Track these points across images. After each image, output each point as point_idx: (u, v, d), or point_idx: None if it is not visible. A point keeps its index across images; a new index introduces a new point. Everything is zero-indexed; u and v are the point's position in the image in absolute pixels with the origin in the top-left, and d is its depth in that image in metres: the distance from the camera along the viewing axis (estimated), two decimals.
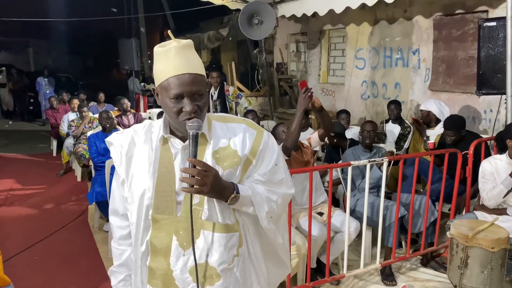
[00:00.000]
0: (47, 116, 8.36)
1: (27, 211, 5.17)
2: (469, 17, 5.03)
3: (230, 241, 1.50)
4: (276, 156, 1.56)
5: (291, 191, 1.61)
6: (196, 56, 1.49)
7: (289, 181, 1.61)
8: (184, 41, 1.48)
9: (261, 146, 1.53)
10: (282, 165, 1.59)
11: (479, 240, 2.65)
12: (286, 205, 1.67)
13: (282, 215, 1.65)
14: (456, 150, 3.55)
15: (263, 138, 1.55)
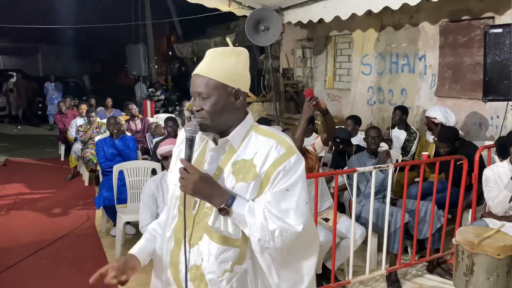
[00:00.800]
0: (56, 121, 8.45)
1: (36, 215, 5.22)
2: (475, 23, 5.03)
3: (223, 254, 1.50)
4: (291, 182, 1.45)
5: (296, 229, 1.42)
6: (227, 63, 1.51)
7: (300, 216, 1.44)
8: (228, 48, 1.57)
9: (280, 167, 1.45)
10: (296, 195, 1.45)
11: (485, 247, 2.65)
12: (289, 241, 1.44)
13: (289, 251, 1.47)
14: (462, 156, 3.55)
15: (289, 160, 1.46)
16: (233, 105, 1.52)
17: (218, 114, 1.50)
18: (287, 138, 1.53)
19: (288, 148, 1.48)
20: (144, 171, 4.38)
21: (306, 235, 1.47)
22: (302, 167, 1.48)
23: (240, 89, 1.52)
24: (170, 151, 3.11)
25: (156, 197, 3.17)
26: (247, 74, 1.57)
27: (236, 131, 1.52)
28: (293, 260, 1.52)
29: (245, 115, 1.57)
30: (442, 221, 3.54)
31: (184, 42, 13.49)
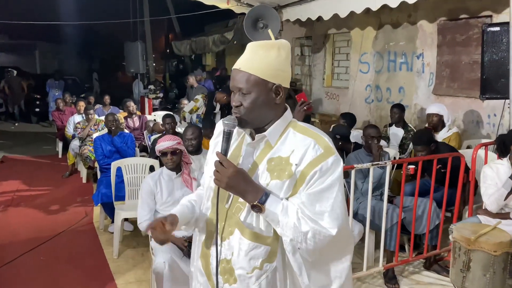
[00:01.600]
0: (53, 118, 8.43)
1: (33, 212, 5.22)
2: (473, 22, 5.05)
3: (253, 250, 1.49)
4: (327, 184, 1.41)
5: (330, 232, 1.39)
6: (268, 57, 1.46)
7: (335, 219, 1.40)
8: (270, 41, 1.50)
9: (317, 168, 1.41)
10: (332, 198, 1.41)
11: (482, 243, 2.67)
12: (321, 244, 1.41)
13: (321, 254, 1.44)
14: (459, 154, 3.57)
15: (326, 160, 1.42)
16: (273, 101, 1.48)
17: (257, 110, 1.48)
18: (326, 137, 1.48)
19: (326, 148, 1.44)
20: (142, 168, 4.38)
21: (340, 239, 1.43)
22: (340, 169, 1.43)
23: (281, 84, 1.48)
24: (168, 147, 3.12)
25: (155, 193, 3.17)
26: (288, 68, 1.52)
27: (274, 127, 1.50)
28: (325, 263, 1.48)
29: (284, 111, 1.54)
30: (440, 218, 3.56)
31: (182, 39, 13.46)
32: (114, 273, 3.70)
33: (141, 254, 4.06)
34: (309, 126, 1.54)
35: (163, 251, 2.89)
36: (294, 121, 1.55)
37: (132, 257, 4.02)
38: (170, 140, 3.15)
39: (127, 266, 3.84)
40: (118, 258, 3.99)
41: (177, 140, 3.19)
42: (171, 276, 2.79)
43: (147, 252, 4.00)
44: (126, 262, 3.91)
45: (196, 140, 3.87)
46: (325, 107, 7.95)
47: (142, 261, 3.92)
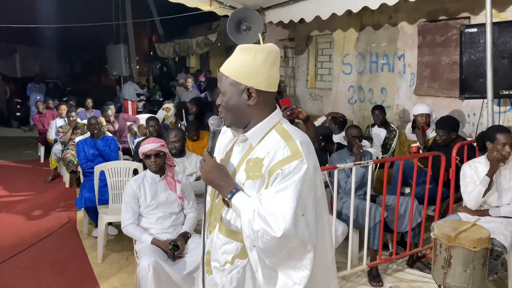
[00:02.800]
0: (34, 122, 8.30)
1: (15, 218, 5.14)
2: (452, 23, 5.14)
3: (226, 245, 1.58)
4: (284, 186, 1.42)
5: (275, 234, 1.39)
6: (243, 60, 1.52)
7: (283, 222, 1.38)
8: (253, 45, 1.54)
9: (280, 170, 1.43)
10: (285, 200, 1.41)
11: (461, 240, 2.72)
12: (269, 245, 1.41)
13: (274, 256, 1.45)
14: (440, 153, 3.63)
15: (289, 164, 1.43)
16: (246, 103, 1.52)
17: (232, 111, 1.55)
18: (299, 140, 1.49)
19: (294, 152, 1.45)
20: (125, 171, 4.35)
21: (289, 243, 1.42)
22: (302, 174, 1.42)
23: (253, 87, 1.50)
24: (152, 149, 3.11)
25: (138, 196, 3.16)
26: (266, 71, 1.52)
27: (255, 128, 1.54)
28: (281, 266, 1.47)
29: (268, 113, 1.56)
30: (422, 216, 3.62)
31: (165, 42, 13.38)
32: (98, 277, 3.67)
33: (125, 258, 4.03)
34: (292, 128, 1.57)
35: (147, 254, 2.88)
36: (281, 124, 1.57)
37: (116, 261, 3.99)
38: (153, 143, 3.14)
39: (111, 270, 3.81)
40: (103, 263, 3.95)
41: (160, 142, 3.19)
42: (155, 279, 2.78)
43: (131, 256, 3.98)
44: (110, 267, 3.88)
45: (179, 142, 3.87)
46: (309, 108, 7.99)
47: (127, 265, 3.89)
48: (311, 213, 1.45)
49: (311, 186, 1.46)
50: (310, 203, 1.45)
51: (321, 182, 1.55)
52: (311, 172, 1.45)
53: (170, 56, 13.26)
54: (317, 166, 1.52)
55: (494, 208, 3.25)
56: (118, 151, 5.29)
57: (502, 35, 3.81)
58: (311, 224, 1.44)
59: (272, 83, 1.56)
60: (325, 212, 1.57)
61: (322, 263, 1.53)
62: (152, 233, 3.12)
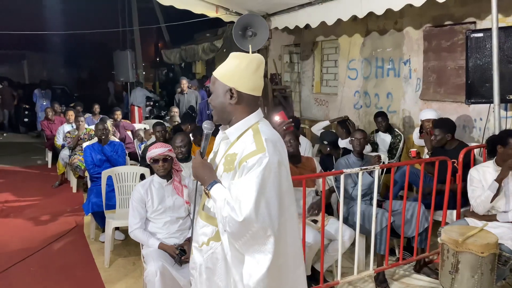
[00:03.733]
0: (43, 128, 8.37)
1: (23, 223, 5.18)
2: (457, 28, 5.14)
3: (204, 228, 1.85)
4: (248, 176, 1.61)
5: (237, 218, 1.59)
6: (229, 64, 1.76)
7: (245, 208, 1.58)
8: (241, 53, 1.77)
9: (245, 162, 1.64)
10: (247, 188, 1.60)
11: (469, 245, 2.71)
12: (235, 230, 1.62)
13: (241, 241, 1.63)
14: (446, 158, 3.62)
15: (253, 157, 1.63)
16: (228, 102, 1.74)
17: (216, 109, 1.79)
18: (265, 137, 1.67)
19: (258, 146, 1.65)
20: (132, 176, 4.38)
21: (250, 228, 1.59)
22: (263, 166, 1.61)
23: (235, 88, 1.72)
24: (160, 154, 3.13)
25: (145, 201, 3.17)
26: (247, 76, 1.73)
27: (234, 126, 1.76)
28: (246, 251, 1.65)
29: (248, 114, 1.76)
30: (429, 221, 3.60)
31: (171, 48, 13.47)
32: (105, 282, 3.68)
33: (132, 263, 4.05)
34: (265, 128, 1.75)
35: (154, 259, 2.89)
36: (260, 124, 1.76)
37: (123, 266, 4.01)
38: (161, 147, 3.17)
39: (118, 275, 3.82)
40: (110, 267, 3.97)
41: (168, 147, 3.21)
42: (162, 284, 2.78)
43: (138, 261, 3.99)
44: (117, 271, 3.89)
45: (185, 147, 3.89)
46: (314, 113, 8.01)
47: (134, 270, 3.90)
48: (273, 202, 1.62)
49: (274, 178, 1.63)
50: (273, 193, 1.62)
51: (287, 177, 1.72)
52: (275, 166, 1.63)
53: (176, 62, 13.34)
54: (283, 162, 1.70)
55: (502, 213, 3.23)
56: (125, 156, 5.32)
57: (508, 40, 3.82)
58: (272, 212, 1.61)
59: (254, 87, 1.76)
60: (291, 204, 1.75)
61: (287, 250, 1.69)
62: (159, 237, 3.13)
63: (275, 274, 1.64)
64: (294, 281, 1.75)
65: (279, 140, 1.76)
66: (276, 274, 1.65)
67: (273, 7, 6.21)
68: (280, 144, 1.76)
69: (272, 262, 1.61)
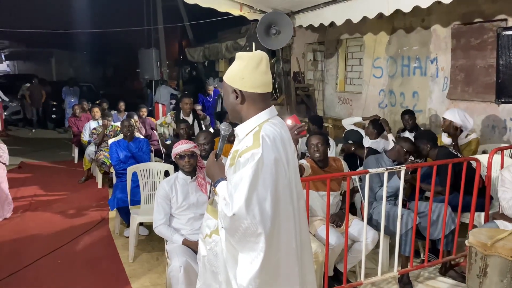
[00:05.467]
0: (70, 124, 8.57)
1: (50, 217, 5.31)
2: (487, 25, 5.01)
3: (207, 221, 1.92)
4: (241, 172, 1.63)
5: (228, 213, 1.61)
6: (233, 66, 1.80)
7: (236, 204, 1.59)
8: (242, 53, 1.80)
9: (241, 157, 1.66)
10: (239, 184, 1.61)
11: (498, 248, 2.64)
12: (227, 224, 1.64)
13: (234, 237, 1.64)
14: (475, 158, 3.54)
15: (248, 152, 1.65)
16: (235, 102, 1.78)
17: (228, 109, 1.85)
18: (262, 134, 1.67)
19: (254, 142, 1.66)
20: (157, 172, 4.43)
21: (240, 224, 1.60)
22: (255, 162, 1.61)
23: (238, 88, 1.75)
24: (186, 150, 3.17)
25: (170, 197, 3.21)
26: (248, 75, 1.74)
27: (243, 124, 1.79)
28: (242, 249, 1.67)
29: (257, 112, 1.77)
30: (455, 223, 3.52)
31: (195, 46, 13.58)
32: (129, 277, 3.75)
33: (156, 258, 4.10)
34: (271, 126, 1.73)
35: (178, 255, 2.92)
36: (269, 121, 1.76)
37: (147, 261, 4.06)
38: (187, 144, 3.20)
39: (142, 270, 3.88)
40: (134, 262, 4.03)
41: (193, 144, 3.25)
42: (186, 279, 2.81)
43: (162, 256, 4.04)
44: (141, 266, 3.95)
45: (208, 145, 3.92)
46: (338, 112, 7.94)
47: (157, 265, 3.96)
48: (266, 199, 1.61)
49: (268, 174, 1.62)
50: (266, 189, 1.61)
51: (285, 175, 1.70)
52: (269, 162, 1.62)
53: (199, 60, 13.43)
54: (281, 160, 1.68)
55: None
56: (150, 153, 5.39)
57: None
58: (265, 209, 1.60)
59: (257, 85, 1.76)
60: (289, 204, 1.72)
61: (281, 250, 1.68)
62: (183, 233, 3.16)
63: (267, 273, 1.64)
64: (287, 281, 1.73)
65: (281, 137, 1.74)
66: (268, 274, 1.65)
67: (297, 4, 6.17)
68: (282, 141, 1.73)
69: (264, 261, 1.61)
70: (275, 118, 1.81)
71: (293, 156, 1.82)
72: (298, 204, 1.81)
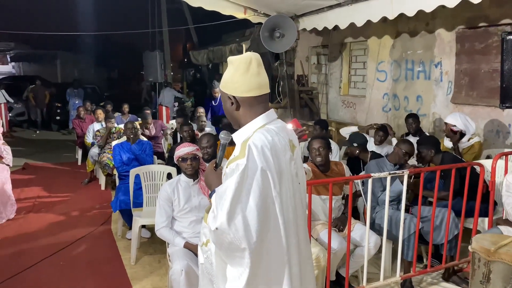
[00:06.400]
0: (74, 126, 8.60)
1: (53, 218, 5.32)
2: (492, 30, 4.99)
3: (204, 229, 1.85)
4: (227, 183, 1.56)
5: (211, 226, 1.54)
6: (226, 72, 1.75)
7: (220, 218, 1.51)
8: (232, 57, 1.74)
9: (227, 168, 1.63)
10: (223, 196, 1.53)
11: (502, 254, 2.62)
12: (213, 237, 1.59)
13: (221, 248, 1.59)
14: (478, 163, 3.52)
15: (234, 163, 1.60)
16: (233, 109, 1.73)
17: (227, 115, 1.79)
18: (249, 143, 1.59)
19: (241, 152, 1.60)
20: (160, 175, 4.44)
21: (224, 238, 1.53)
22: (239, 173, 1.53)
23: (233, 94, 1.70)
24: (188, 152, 3.17)
25: (172, 200, 3.21)
26: (239, 79, 1.68)
27: (240, 130, 1.74)
28: (230, 263, 1.62)
29: (254, 117, 1.71)
30: (459, 228, 3.50)
31: (199, 49, 13.61)
32: (131, 279, 3.75)
33: (158, 261, 4.10)
34: (262, 133, 1.65)
35: (179, 258, 2.91)
36: (265, 127, 1.69)
37: (149, 263, 4.06)
38: (189, 146, 3.20)
39: (144, 272, 3.88)
40: (136, 265, 4.03)
41: (195, 146, 3.25)
42: (187, 283, 2.81)
43: (163, 259, 4.04)
44: (143, 269, 3.95)
45: (211, 148, 3.91)
46: (341, 115, 7.93)
47: (159, 268, 3.95)
48: (250, 212, 1.52)
49: (254, 186, 1.53)
50: (251, 202, 1.52)
51: (273, 186, 1.59)
52: (254, 173, 1.54)
53: (203, 63, 13.46)
54: (269, 169, 1.57)
55: None
56: (153, 155, 5.40)
57: None
58: (250, 222, 1.51)
59: (250, 88, 1.68)
60: (280, 215, 1.62)
61: (269, 265, 1.60)
62: (184, 236, 3.16)
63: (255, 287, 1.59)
64: None
65: (272, 145, 1.61)
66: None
67: (301, 8, 6.17)
68: (272, 150, 1.61)
69: (250, 277, 1.54)
70: (274, 122, 1.72)
71: (289, 164, 1.71)
72: (295, 214, 1.72)
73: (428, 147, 3.89)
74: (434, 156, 3.88)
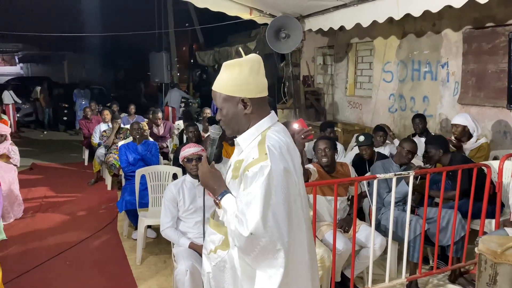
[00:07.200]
0: (81, 126, 8.65)
1: (60, 218, 5.36)
2: (500, 30, 4.95)
3: (211, 236, 1.79)
4: (252, 188, 1.52)
5: (243, 233, 1.51)
6: (231, 75, 1.66)
7: (252, 223, 1.49)
8: (236, 59, 1.68)
9: (248, 171, 1.56)
10: (252, 202, 1.51)
11: (509, 256, 2.59)
12: (242, 244, 1.54)
13: (250, 255, 1.55)
14: (485, 164, 3.49)
15: (255, 165, 1.55)
16: (243, 112, 1.68)
17: (231, 122, 1.71)
18: (268, 144, 1.58)
19: (261, 154, 1.57)
20: (165, 175, 4.45)
21: (258, 242, 1.51)
22: (265, 176, 1.52)
23: (246, 97, 1.65)
24: (193, 153, 3.18)
25: (177, 201, 3.22)
26: (253, 81, 1.66)
27: (246, 133, 1.70)
28: (258, 266, 1.58)
29: (261, 118, 1.69)
30: (465, 230, 3.47)
31: (205, 50, 13.64)
32: (137, 279, 3.76)
33: (163, 261, 4.11)
34: (272, 132, 1.66)
35: (184, 258, 2.92)
36: (271, 128, 1.69)
37: (154, 263, 4.08)
38: (194, 147, 3.21)
39: (149, 272, 3.89)
40: (141, 265, 4.05)
41: (200, 147, 3.25)
42: (192, 283, 2.81)
43: (169, 259, 4.05)
44: (148, 269, 3.96)
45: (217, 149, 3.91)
46: (348, 116, 7.91)
47: (164, 268, 3.96)
48: (281, 213, 1.53)
49: (280, 187, 1.54)
50: (280, 203, 1.53)
51: (295, 185, 1.62)
52: (279, 174, 1.54)
53: (209, 64, 13.49)
54: (290, 169, 1.60)
55: None
56: (159, 155, 5.42)
57: None
58: (281, 223, 1.52)
59: (262, 89, 1.70)
60: (299, 213, 1.64)
61: (298, 262, 1.61)
62: (189, 237, 3.17)
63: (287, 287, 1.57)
64: None
65: (287, 145, 1.66)
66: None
67: (307, 9, 6.17)
68: (288, 150, 1.65)
69: (284, 276, 1.54)
70: (277, 124, 1.73)
71: (299, 163, 1.74)
72: (307, 213, 1.75)
73: (437, 146, 3.85)
74: (442, 156, 3.83)
